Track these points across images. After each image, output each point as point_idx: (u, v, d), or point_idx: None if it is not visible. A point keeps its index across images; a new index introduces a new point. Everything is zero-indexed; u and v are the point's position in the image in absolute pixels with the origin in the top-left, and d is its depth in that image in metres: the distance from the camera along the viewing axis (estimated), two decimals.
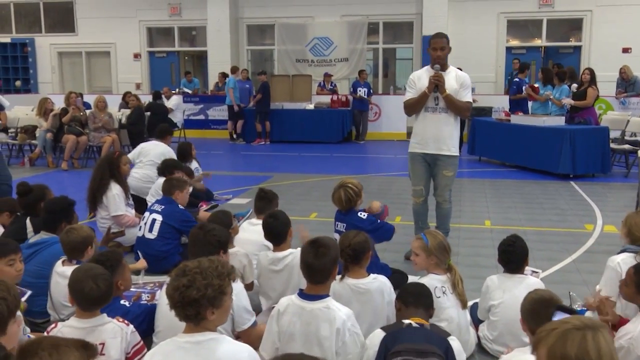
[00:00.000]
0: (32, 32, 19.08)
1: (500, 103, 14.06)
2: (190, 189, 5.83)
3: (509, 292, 3.45)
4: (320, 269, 2.88)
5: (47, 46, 18.99)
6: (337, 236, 4.51)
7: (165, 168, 6.27)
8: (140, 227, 5.12)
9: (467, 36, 16.06)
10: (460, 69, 12.79)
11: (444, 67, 5.26)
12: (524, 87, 11.96)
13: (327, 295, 2.92)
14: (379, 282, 3.34)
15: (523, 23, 16.77)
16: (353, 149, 14.25)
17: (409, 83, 5.43)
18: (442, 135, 5.27)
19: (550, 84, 11.34)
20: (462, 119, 5.49)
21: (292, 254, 3.81)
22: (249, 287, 3.90)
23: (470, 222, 6.95)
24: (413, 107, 5.38)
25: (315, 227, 4.10)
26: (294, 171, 10.67)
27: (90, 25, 18.37)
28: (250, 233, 4.39)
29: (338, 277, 3.30)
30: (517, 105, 11.97)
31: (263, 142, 14.82)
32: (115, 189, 5.51)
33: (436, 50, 5.19)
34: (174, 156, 7.31)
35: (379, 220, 4.50)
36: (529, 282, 3.44)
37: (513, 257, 3.49)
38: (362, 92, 14.92)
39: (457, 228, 6.55)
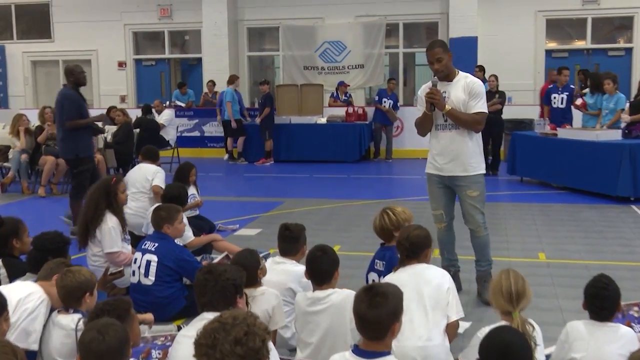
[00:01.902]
0: (3, 39, 19.16)
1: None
2: (185, 219, 5.70)
3: (595, 344, 3.27)
4: (374, 322, 2.73)
5: (19, 54, 19.04)
6: (374, 276, 4.36)
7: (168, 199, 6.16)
8: (134, 271, 4.97)
9: (501, 38, 16.02)
10: (496, 78, 12.69)
11: (450, 76, 5.24)
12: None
13: (388, 353, 2.77)
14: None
15: (564, 22, 16.73)
16: (373, 168, 14.12)
17: (418, 100, 5.41)
18: (456, 154, 5.24)
19: (600, 92, 11.22)
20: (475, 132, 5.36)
21: (337, 293, 3.74)
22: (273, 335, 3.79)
23: (521, 254, 6.80)
24: (421, 127, 5.43)
25: (340, 263, 3.95)
26: (307, 195, 10.55)
27: (68, 31, 18.42)
28: (274, 274, 4.24)
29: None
30: (561, 116, 11.82)
31: (268, 163, 14.72)
32: (111, 222, 5.37)
33: (432, 64, 5.18)
34: (163, 176, 7.16)
35: None
36: (623, 333, 3.26)
37: (607, 302, 3.32)
38: (387, 103, 14.83)
39: (506, 262, 6.36)
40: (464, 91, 5.18)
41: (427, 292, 3.66)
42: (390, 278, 3.72)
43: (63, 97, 7.87)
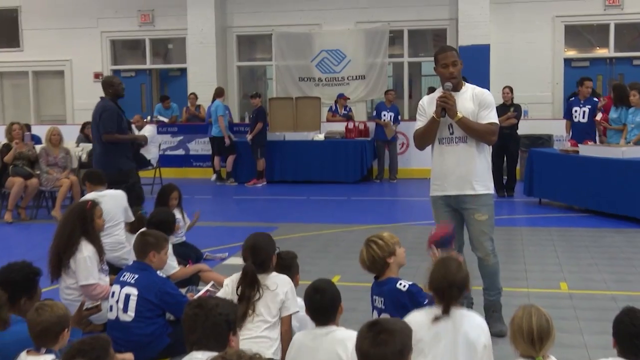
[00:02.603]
0: None
1: (561, 129, 13.98)
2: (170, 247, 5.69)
3: None
4: None
5: None
6: (375, 315, 4.34)
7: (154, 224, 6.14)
8: (112, 306, 4.94)
9: (515, 46, 16.13)
10: (511, 90, 12.78)
11: (457, 86, 5.28)
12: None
13: None
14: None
15: (585, 29, 16.85)
16: (375, 190, 14.14)
17: (419, 110, 5.46)
18: (463, 171, 5.24)
19: (625, 105, 11.28)
20: (488, 144, 5.38)
21: (339, 331, 3.75)
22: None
23: (540, 284, 6.79)
24: (423, 139, 5.38)
25: (341, 294, 3.95)
26: (303, 220, 10.55)
27: (39, 39, 18.50)
28: None
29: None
30: (583, 131, 11.87)
31: (260, 184, 14.72)
32: (86, 251, 5.35)
33: (447, 67, 5.22)
34: (125, 201, 7.05)
35: (426, 300, 4.21)
36: None
37: (638, 339, 3.29)
38: (386, 117, 14.89)
39: (525, 293, 6.38)
40: (473, 102, 5.22)
41: (462, 348, 3.51)
42: (428, 331, 3.56)
43: (102, 109, 8.26)
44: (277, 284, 4.30)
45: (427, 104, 5.37)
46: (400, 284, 4.23)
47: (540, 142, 13.92)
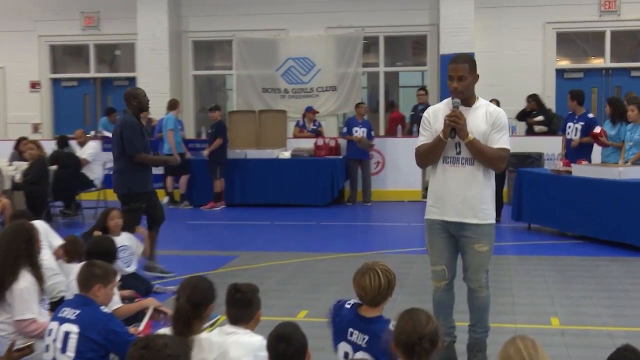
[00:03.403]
0: None
1: (553, 147, 14.17)
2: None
3: None
4: None
5: None
6: (347, 347, 4.34)
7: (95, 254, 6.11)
8: (48, 345, 4.89)
9: (502, 55, 16.33)
10: (498, 103, 13.02)
11: (468, 101, 5.32)
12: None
13: None
14: None
15: (578, 37, 17.15)
16: (347, 214, 14.19)
17: (423, 122, 5.49)
18: (467, 196, 5.29)
19: (622, 121, 11.47)
20: (496, 172, 5.46)
21: None
22: None
23: (529, 319, 6.86)
24: (426, 158, 5.44)
25: (308, 333, 3.95)
26: (266, 248, 10.55)
27: None
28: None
29: None
30: (580, 150, 12.02)
31: (218, 207, 14.69)
32: (24, 281, 5.28)
33: (452, 81, 5.27)
34: (43, 223, 7.04)
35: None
36: None
37: None
38: (359, 133, 14.99)
39: (512, 330, 6.43)
40: (486, 121, 5.27)
41: None
42: None
43: (123, 125, 8.49)
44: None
45: (433, 117, 5.39)
46: (393, 324, 4.21)
47: (530, 161, 14.07)
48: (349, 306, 4.43)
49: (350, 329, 4.34)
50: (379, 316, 4.30)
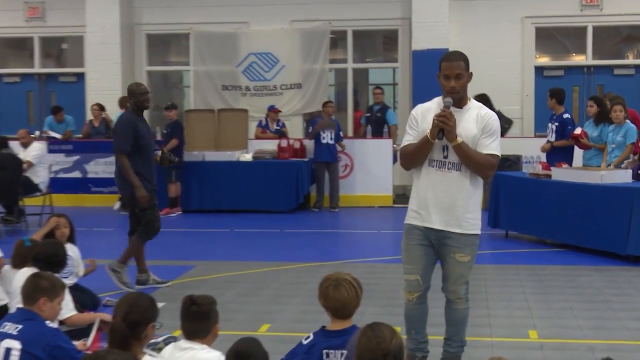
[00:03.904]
0: None
1: (532, 150, 14.30)
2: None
3: None
4: None
5: None
6: None
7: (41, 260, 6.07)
8: None
9: (478, 52, 16.35)
10: (487, 99, 12.96)
11: (460, 101, 5.33)
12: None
13: None
14: None
15: (559, 32, 17.33)
16: (313, 221, 14.21)
17: (410, 121, 5.47)
18: (452, 202, 5.30)
19: (606, 122, 11.61)
20: (484, 180, 5.49)
21: None
22: None
23: (507, 333, 6.90)
24: (411, 158, 5.41)
25: (271, 348, 3.94)
26: (226, 257, 10.51)
27: None
28: None
29: None
30: (560, 152, 12.15)
31: (174, 214, 14.64)
32: None
33: (449, 80, 5.26)
34: None
35: None
36: None
37: None
38: (327, 134, 15.02)
39: (489, 343, 6.48)
40: (477, 124, 5.28)
41: None
42: None
43: (117, 122, 8.87)
44: None
45: (421, 116, 5.39)
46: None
47: (508, 164, 14.16)
48: (308, 339, 4.40)
49: (325, 351, 4.32)
50: (352, 326, 4.31)
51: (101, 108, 16.35)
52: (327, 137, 15.01)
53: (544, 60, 17.49)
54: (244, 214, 14.37)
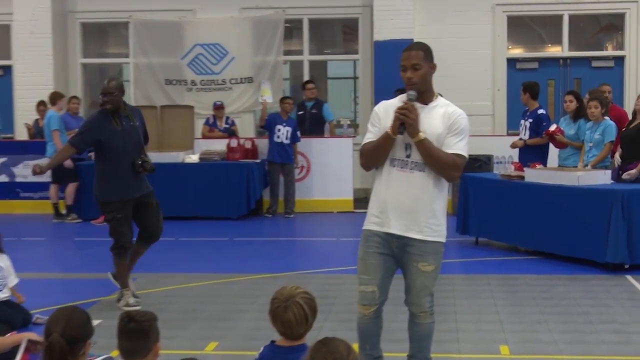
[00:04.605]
0: None
1: (504, 149, 14.41)
2: None
3: None
4: None
5: None
6: None
7: None
8: None
9: (446, 43, 16.49)
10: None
11: (425, 97, 5.33)
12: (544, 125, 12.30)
13: None
14: None
15: (533, 21, 17.51)
16: (267, 228, 14.22)
17: (372, 118, 5.47)
18: (414, 206, 5.29)
19: (584, 118, 11.73)
20: (449, 181, 5.50)
21: None
22: None
23: (476, 348, 6.93)
24: (371, 157, 5.41)
25: None
26: (169, 269, 10.48)
27: None
28: None
29: None
30: (534, 151, 12.26)
31: None
32: None
33: (405, 70, 5.28)
34: None
35: None
36: None
37: None
38: (282, 132, 15.04)
39: None
40: (443, 122, 5.27)
41: None
42: None
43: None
44: None
45: (384, 112, 5.38)
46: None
47: (478, 165, 14.27)
48: (259, 353, 4.42)
49: None
50: (303, 344, 4.32)
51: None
52: (282, 136, 15.01)
53: (517, 52, 17.65)
54: (189, 221, 14.32)
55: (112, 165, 8.40)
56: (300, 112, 16.15)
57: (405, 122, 5.15)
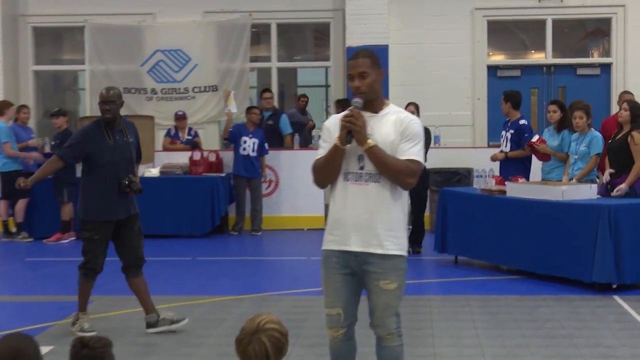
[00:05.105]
0: None
1: (484, 162, 14.46)
2: None
3: None
4: None
5: None
6: None
7: None
8: None
9: (423, 48, 16.61)
10: (417, 107, 13.17)
11: (374, 105, 5.38)
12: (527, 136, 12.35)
13: None
14: None
15: (514, 26, 17.63)
16: (232, 246, 14.23)
17: (323, 133, 5.52)
18: (371, 219, 5.31)
19: (568, 129, 11.79)
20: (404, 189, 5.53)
21: None
22: None
23: None
24: (323, 172, 5.45)
25: None
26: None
27: None
28: None
29: None
30: (516, 164, 12.32)
31: (66, 240, 14.48)
32: None
33: (353, 79, 5.34)
34: None
35: None
36: None
37: None
38: (249, 144, 15.04)
39: None
40: (395, 129, 5.31)
41: None
42: None
43: None
44: None
45: (334, 126, 5.40)
46: None
47: (457, 179, 14.32)
48: None
49: None
50: None
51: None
52: (248, 148, 15.00)
53: (498, 59, 17.76)
54: (150, 240, 13.98)
55: (99, 183, 8.33)
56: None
57: (352, 130, 5.19)
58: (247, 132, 15.13)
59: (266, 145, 15.27)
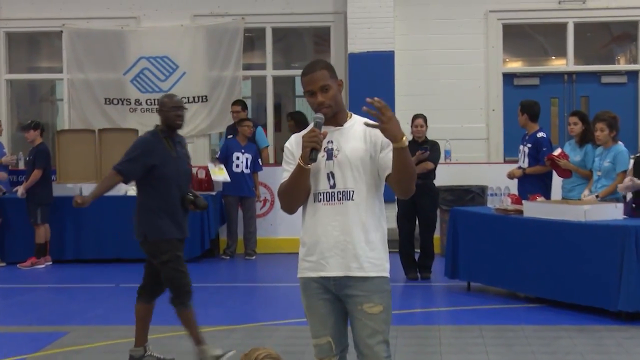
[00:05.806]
0: None
1: (500, 179, 14.45)
2: None
3: None
4: None
5: None
6: None
7: None
8: None
9: (432, 55, 16.59)
10: (425, 120, 13.10)
11: (339, 117, 5.39)
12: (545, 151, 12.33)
13: None
14: None
15: (533, 31, 17.63)
16: (223, 271, 14.24)
17: (285, 156, 5.50)
18: (349, 240, 5.30)
19: (591, 143, 11.77)
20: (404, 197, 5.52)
21: None
22: None
23: None
24: (289, 196, 5.40)
25: None
26: (108, 321, 10.42)
27: None
28: None
29: None
30: (535, 182, 12.30)
31: (42, 265, 14.48)
32: None
33: (313, 95, 5.33)
34: None
35: None
36: None
37: None
38: (242, 161, 15.05)
39: None
40: (365, 140, 5.32)
41: None
42: None
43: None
44: None
45: (296, 146, 5.38)
46: None
47: (469, 197, 14.30)
48: None
49: None
50: None
51: None
52: (241, 165, 15.01)
53: (515, 66, 17.77)
54: (132, 264, 14.15)
55: (165, 198, 8.19)
56: (230, 136, 15.94)
57: (316, 147, 5.19)
58: (238, 147, 15.15)
59: (260, 160, 15.28)
